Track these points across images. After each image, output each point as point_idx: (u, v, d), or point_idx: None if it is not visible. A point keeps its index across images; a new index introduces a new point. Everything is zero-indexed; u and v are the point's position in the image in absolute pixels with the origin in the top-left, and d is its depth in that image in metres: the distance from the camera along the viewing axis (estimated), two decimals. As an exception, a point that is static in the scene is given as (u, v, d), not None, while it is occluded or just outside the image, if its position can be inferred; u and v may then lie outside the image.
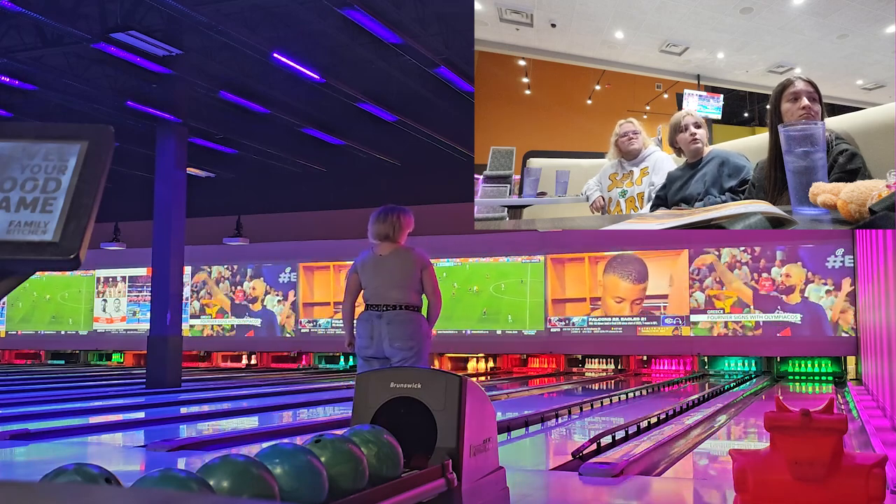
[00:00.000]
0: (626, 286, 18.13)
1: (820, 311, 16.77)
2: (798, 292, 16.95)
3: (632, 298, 18.09)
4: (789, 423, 2.81)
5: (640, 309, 17.99)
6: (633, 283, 18.09)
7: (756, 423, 8.48)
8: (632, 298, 18.09)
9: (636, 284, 18.07)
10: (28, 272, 1.08)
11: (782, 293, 17.06)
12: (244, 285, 21.53)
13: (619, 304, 18.16)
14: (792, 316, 16.93)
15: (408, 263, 4.68)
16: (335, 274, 20.42)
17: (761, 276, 17.29)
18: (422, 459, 2.86)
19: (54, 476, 1.83)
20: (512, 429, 7.81)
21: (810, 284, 16.90)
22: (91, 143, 1.10)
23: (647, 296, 17.96)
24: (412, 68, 13.33)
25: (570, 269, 18.65)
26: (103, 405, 10.66)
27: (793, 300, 16.97)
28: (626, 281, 18.14)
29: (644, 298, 17.99)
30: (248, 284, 21.49)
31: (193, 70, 13.41)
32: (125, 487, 1.72)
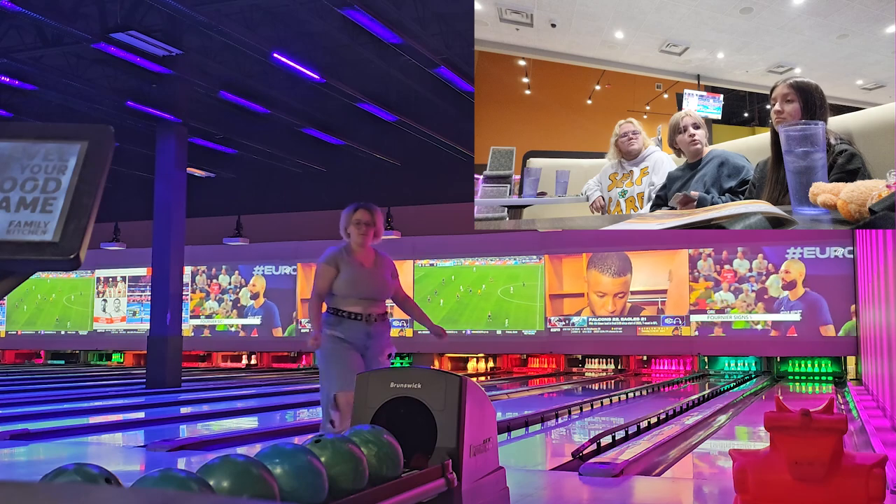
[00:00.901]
0: (606, 280, 18.16)
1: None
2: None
3: (613, 292, 18.13)
4: (789, 423, 2.81)
5: (625, 304, 17.99)
6: (614, 276, 18.12)
7: (756, 423, 8.48)
8: (613, 292, 18.13)
9: (617, 278, 18.09)
10: (28, 272, 1.08)
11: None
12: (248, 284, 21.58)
13: (601, 298, 18.19)
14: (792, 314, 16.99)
15: (387, 270, 4.50)
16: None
17: (723, 269, 17.46)
18: (422, 459, 2.86)
19: (54, 476, 1.83)
20: (512, 429, 7.81)
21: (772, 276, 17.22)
22: (91, 143, 1.10)
23: (635, 291, 17.97)
24: (412, 68, 13.33)
25: (567, 264, 18.65)
26: (103, 405, 10.66)
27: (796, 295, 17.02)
28: (606, 275, 18.18)
29: (627, 293, 18.01)
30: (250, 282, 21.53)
31: (193, 70, 13.42)
32: (125, 487, 1.72)
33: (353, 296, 4.33)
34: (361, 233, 4.42)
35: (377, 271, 4.42)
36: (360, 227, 4.42)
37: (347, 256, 4.40)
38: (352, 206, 4.48)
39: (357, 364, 4.24)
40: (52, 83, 13.91)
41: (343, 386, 4.18)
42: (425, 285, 19.78)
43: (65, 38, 11.96)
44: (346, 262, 4.38)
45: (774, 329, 17.07)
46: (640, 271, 18.11)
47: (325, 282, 4.38)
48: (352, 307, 4.33)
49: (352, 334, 4.31)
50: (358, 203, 4.49)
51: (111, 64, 13.34)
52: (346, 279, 4.35)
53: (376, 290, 4.38)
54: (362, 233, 4.42)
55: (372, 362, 4.32)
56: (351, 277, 4.35)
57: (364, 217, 4.44)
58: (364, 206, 4.45)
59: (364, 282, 4.35)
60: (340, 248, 4.44)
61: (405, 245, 19.57)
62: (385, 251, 4.61)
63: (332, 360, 4.30)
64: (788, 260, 17.14)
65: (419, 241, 19.59)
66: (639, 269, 18.11)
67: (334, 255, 4.41)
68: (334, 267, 4.39)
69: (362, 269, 4.38)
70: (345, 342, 4.30)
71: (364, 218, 4.44)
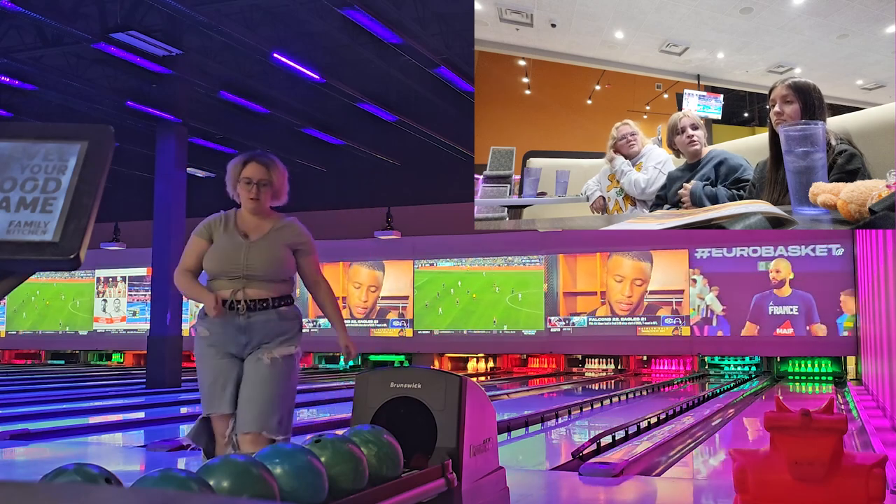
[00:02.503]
0: (627, 263, 18.07)
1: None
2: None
3: (632, 277, 18.04)
4: (789, 423, 2.81)
5: (642, 294, 17.92)
6: (634, 260, 18.04)
7: (756, 423, 8.48)
8: (632, 277, 18.04)
9: (637, 262, 18.01)
10: (28, 272, 1.08)
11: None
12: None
13: (619, 283, 18.09)
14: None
15: (282, 242, 3.25)
16: (343, 270, 20.44)
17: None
18: (422, 459, 2.85)
19: (54, 476, 1.83)
20: (512, 429, 7.81)
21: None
22: (91, 143, 1.10)
23: (653, 290, 17.91)
24: (412, 68, 13.33)
25: (581, 262, 18.60)
26: (103, 405, 10.66)
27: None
28: (626, 258, 18.07)
29: (645, 282, 17.93)
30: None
31: (193, 70, 13.42)
32: (125, 487, 1.72)
33: (220, 276, 3.15)
34: (251, 195, 3.19)
35: (265, 244, 3.17)
36: (251, 187, 3.19)
37: (227, 224, 3.23)
38: (241, 156, 3.30)
39: (229, 373, 3.10)
40: (52, 83, 13.92)
41: (210, 406, 3.10)
42: (427, 291, 19.75)
43: (65, 38, 11.96)
44: (224, 231, 3.20)
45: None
46: (657, 270, 18.07)
47: (190, 256, 3.21)
48: (219, 290, 3.13)
49: (218, 330, 3.12)
50: (250, 153, 3.30)
51: (111, 64, 13.34)
52: (214, 253, 3.17)
53: (253, 267, 3.12)
54: (252, 195, 3.19)
55: (250, 368, 3.10)
56: (220, 250, 3.17)
57: (256, 174, 3.21)
58: (257, 158, 3.24)
59: (235, 256, 3.13)
60: (224, 214, 3.29)
61: (405, 245, 19.57)
62: (297, 220, 3.34)
63: (199, 372, 3.17)
64: (776, 259, 17.17)
65: (419, 241, 19.59)
66: (657, 267, 18.07)
67: (210, 221, 3.26)
68: (206, 238, 3.22)
69: (242, 240, 3.18)
70: (212, 346, 3.13)
71: (256, 175, 3.21)
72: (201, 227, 3.27)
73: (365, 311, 20.12)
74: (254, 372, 3.08)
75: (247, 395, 3.07)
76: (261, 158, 3.25)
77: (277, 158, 3.32)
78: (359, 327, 19.99)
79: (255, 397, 3.05)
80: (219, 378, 3.09)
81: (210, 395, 3.09)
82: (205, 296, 3.11)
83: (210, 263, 3.18)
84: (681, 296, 17.79)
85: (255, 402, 3.05)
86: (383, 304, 19.95)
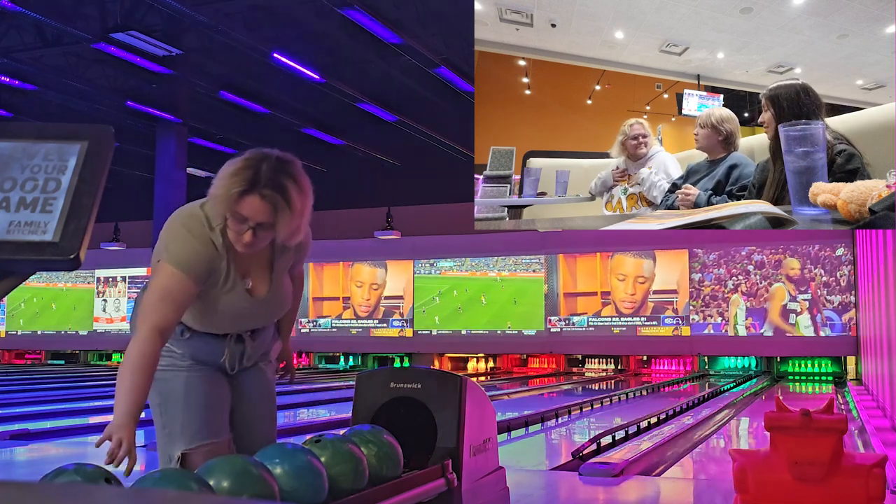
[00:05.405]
0: (629, 262, 18.06)
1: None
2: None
3: (634, 275, 18.02)
4: (789, 423, 2.81)
5: (645, 293, 17.89)
6: (636, 257, 18.01)
7: (756, 423, 8.48)
8: (634, 275, 18.02)
9: (639, 259, 17.99)
10: (28, 272, 1.08)
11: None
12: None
13: (621, 281, 18.07)
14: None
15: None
16: (344, 270, 20.44)
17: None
18: (422, 459, 2.85)
19: (54, 476, 1.83)
20: (512, 429, 7.81)
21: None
22: (91, 143, 1.10)
23: (657, 290, 17.88)
24: (412, 68, 13.33)
25: (581, 263, 18.58)
26: (103, 405, 10.65)
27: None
28: (628, 256, 18.05)
29: (648, 280, 17.91)
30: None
31: (193, 70, 13.42)
32: (125, 487, 1.72)
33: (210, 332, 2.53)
34: (245, 240, 2.25)
35: (274, 296, 2.47)
36: (245, 228, 2.24)
37: (221, 263, 2.33)
38: (241, 173, 2.27)
39: (225, 391, 2.53)
40: (52, 83, 13.92)
41: (210, 434, 2.45)
42: (427, 291, 19.73)
43: (65, 38, 11.97)
44: (221, 275, 2.34)
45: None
46: (661, 270, 18.04)
47: (175, 305, 2.27)
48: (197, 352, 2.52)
49: (207, 351, 2.53)
50: (254, 173, 2.27)
51: (111, 64, 13.34)
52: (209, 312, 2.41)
53: (260, 324, 2.53)
54: (246, 240, 2.25)
55: (253, 381, 2.60)
56: (218, 313, 2.40)
57: (256, 214, 2.22)
58: (261, 189, 2.23)
59: (238, 321, 2.46)
60: (212, 240, 2.31)
61: (405, 245, 19.57)
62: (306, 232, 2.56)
63: (180, 397, 2.50)
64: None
65: (419, 241, 19.58)
66: (661, 267, 18.04)
67: (201, 254, 2.30)
68: (198, 280, 2.32)
69: (248, 297, 2.38)
70: (201, 363, 2.49)
71: (256, 216, 2.23)
72: (190, 261, 2.25)
73: (368, 309, 20.09)
74: (260, 384, 2.56)
75: (259, 414, 2.56)
76: (266, 191, 2.21)
77: (298, 176, 2.39)
78: (359, 327, 20.01)
79: (267, 414, 2.60)
80: (217, 400, 2.46)
81: (207, 419, 2.40)
82: (129, 425, 2.02)
83: (200, 320, 2.38)
84: (676, 295, 17.80)
85: (270, 418, 2.61)
86: (386, 304, 19.91)
